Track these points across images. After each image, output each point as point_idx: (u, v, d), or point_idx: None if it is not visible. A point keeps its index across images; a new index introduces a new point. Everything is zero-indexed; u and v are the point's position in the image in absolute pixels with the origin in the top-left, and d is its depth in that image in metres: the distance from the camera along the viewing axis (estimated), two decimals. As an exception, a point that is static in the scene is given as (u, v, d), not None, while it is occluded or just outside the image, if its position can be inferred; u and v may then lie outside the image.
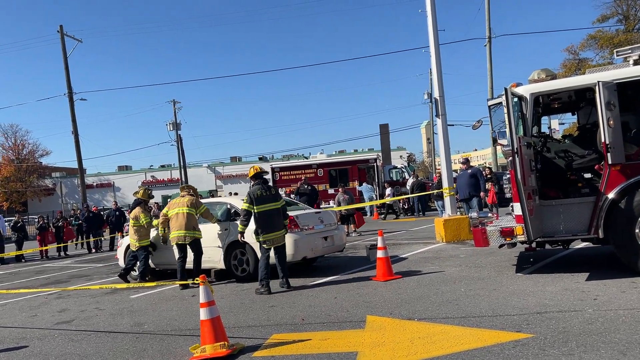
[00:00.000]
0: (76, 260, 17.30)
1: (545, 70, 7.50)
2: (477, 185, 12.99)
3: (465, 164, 13.65)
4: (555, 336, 4.60)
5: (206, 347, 4.91)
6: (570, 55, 39.98)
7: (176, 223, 9.18)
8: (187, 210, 9.17)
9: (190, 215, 9.18)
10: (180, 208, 9.23)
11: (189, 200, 9.34)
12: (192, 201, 9.32)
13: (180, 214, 9.17)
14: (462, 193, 13.08)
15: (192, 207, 9.24)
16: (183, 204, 9.27)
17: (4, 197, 58.83)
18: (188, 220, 9.13)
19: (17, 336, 6.61)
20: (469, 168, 13.45)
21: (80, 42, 32.46)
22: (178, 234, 9.13)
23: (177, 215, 9.19)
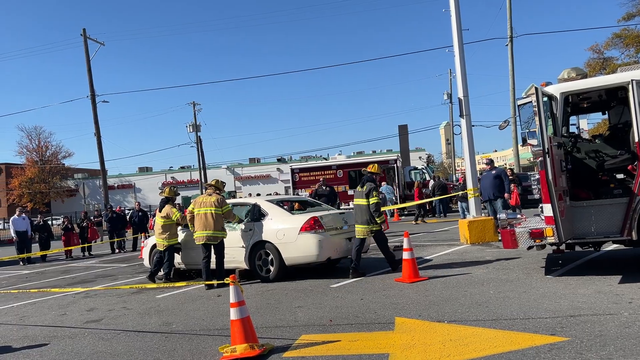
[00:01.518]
0: (100, 260, 17.53)
1: (576, 69, 7.37)
2: (501, 186, 12.80)
3: (489, 164, 13.46)
4: (591, 340, 4.51)
5: (236, 347, 4.91)
6: (594, 54, 39.28)
7: (204, 223, 9.15)
8: (215, 210, 9.15)
9: (219, 215, 9.16)
10: (209, 208, 9.20)
11: (217, 199, 9.28)
12: (219, 200, 9.29)
13: (209, 214, 9.15)
14: (485, 194, 12.90)
15: (219, 207, 9.22)
16: (211, 204, 9.22)
17: (28, 198, 59.99)
18: (216, 221, 9.13)
19: (48, 334, 6.70)
20: (494, 169, 13.26)
21: (102, 45, 32.94)
22: (206, 234, 9.12)
23: (205, 215, 9.16)
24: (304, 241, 8.79)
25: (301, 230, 8.82)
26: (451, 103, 49.20)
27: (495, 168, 13.44)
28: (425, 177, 27.60)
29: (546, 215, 6.74)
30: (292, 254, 8.89)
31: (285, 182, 50.05)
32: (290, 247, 8.88)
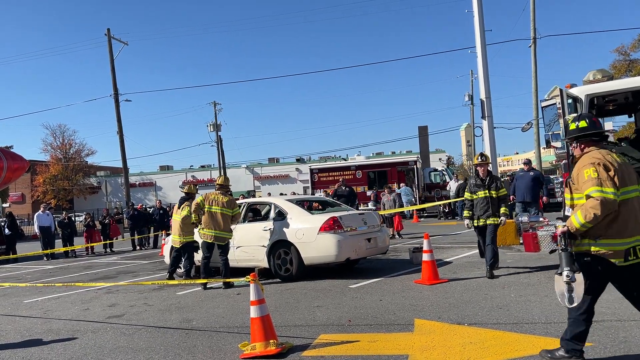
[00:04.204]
0: (121, 257, 17.79)
1: (602, 70, 7.26)
2: (538, 190, 12.48)
3: (527, 164, 13.05)
4: (616, 345, 4.44)
5: (256, 345, 4.95)
6: (620, 56, 38.49)
7: (214, 222, 9.23)
8: (228, 212, 9.28)
9: (228, 216, 9.31)
10: (220, 208, 9.28)
11: (229, 201, 9.41)
12: (230, 202, 9.42)
13: (219, 214, 9.24)
14: (520, 194, 12.50)
15: (229, 209, 9.34)
16: (222, 204, 9.30)
17: (52, 195, 61.12)
18: (225, 222, 9.27)
19: (72, 328, 6.83)
20: (531, 170, 12.81)
21: (126, 44, 33.45)
22: (215, 234, 9.22)
23: (216, 214, 9.24)
24: (323, 241, 8.80)
25: (320, 230, 8.84)
26: (472, 104, 48.80)
27: (533, 169, 12.97)
28: (445, 178, 27.40)
29: (570, 218, 6.64)
30: (311, 254, 8.92)
31: (304, 182, 50.17)
32: (310, 247, 8.91)
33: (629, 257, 3.84)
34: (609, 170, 3.85)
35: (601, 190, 3.77)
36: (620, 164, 3.93)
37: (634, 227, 3.86)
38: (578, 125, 4.13)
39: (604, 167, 3.86)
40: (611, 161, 3.90)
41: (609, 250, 3.85)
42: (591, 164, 3.90)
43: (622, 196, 3.82)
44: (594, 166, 3.87)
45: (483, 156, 8.39)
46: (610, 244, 3.84)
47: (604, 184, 3.79)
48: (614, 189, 3.78)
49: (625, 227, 3.84)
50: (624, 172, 3.91)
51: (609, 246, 3.85)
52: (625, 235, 3.83)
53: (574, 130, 4.14)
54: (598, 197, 3.76)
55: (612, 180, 3.81)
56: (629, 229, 3.84)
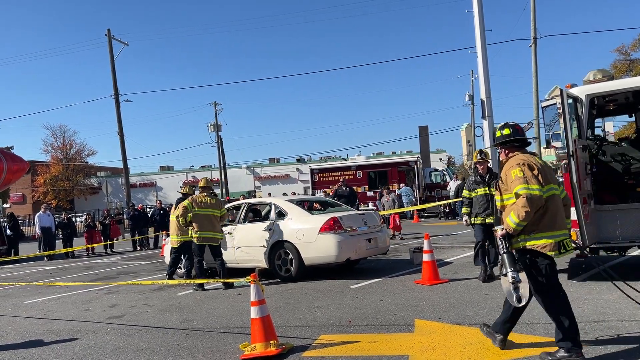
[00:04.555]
0: (122, 257, 17.79)
1: (602, 70, 7.26)
2: None
3: None
4: (617, 346, 4.43)
5: (256, 345, 4.95)
6: (621, 55, 38.46)
7: (206, 224, 9.34)
8: (216, 212, 9.49)
9: (218, 217, 9.52)
10: (210, 209, 9.45)
11: (217, 202, 9.67)
12: (219, 202, 9.70)
13: (211, 216, 9.41)
14: None
15: (218, 209, 9.57)
16: (214, 206, 9.51)
17: (53, 195, 61.12)
18: (217, 223, 9.47)
19: (72, 329, 6.84)
20: None
21: (126, 45, 33.49)
22: (211, 235, 9.34)
23: (208, 216, 9.38)
24: (324, 241, 8.80)
25: (321, 231, 8.84)
26: (472, 104, 48.81)
27: None
28: (445, 178, 27.39)
29: (570, 219, 6.64)
30: (311, 254, 8.92)
31: (305, 182, 50.17)
32: (310, 247, 8.91)
33: (561, 250, 4.15)
34: (533, 169, 4.18)
35: (528, 187, 4.10)
36: (543, 165, 4.30)
37: (560, 221, 4.21)
38: (503, 132, 4.50)
39: (529, 167, 4.20)
40: (534, 162, 4.26)
41: (544, 244, 4.13)
42: (517, 164, 4.23)
43: (548, 193, 4.17)
44: (520, 166, 4.20)
45: (482, 153, 8.20)
46: (544, 237, 4.14)
47: (530, 181, 4.12)
48: (539, 186, 4.12)
49: (554, 221, 4.17)
50: (546, 171, 4.26)
51: (543, 239, 4.14)
52: (555, 228, 4.17)
53: (499, 137, 4.51)
54: (525, 194, 4.08)
55: (536, 178, 4.15)
56: (557, 223, 4.19)
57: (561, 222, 4.23)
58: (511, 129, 4.48)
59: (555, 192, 4.26)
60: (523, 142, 4.51)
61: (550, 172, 4.36)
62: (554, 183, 4.30)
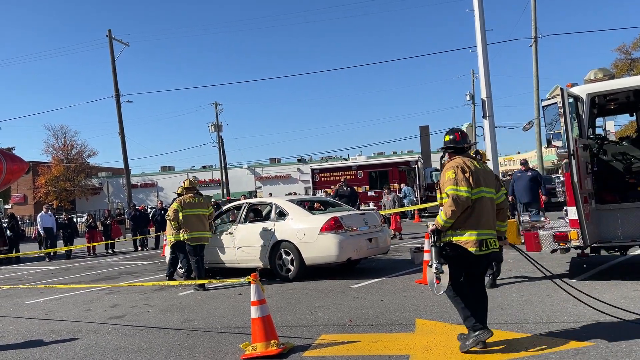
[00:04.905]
0: (123, 257, 17.80)
1: (603, 69, 7.25)
2: (537, 189, 12.49)
3: (524, 165, 13.10)
4: (617, 345, 4.43)
5: (257, 345, 4.94)
6: (622, 54, 38.43)
7: (198, 224, 9.41)
8: (205, 212, 9.57)
9: (207, 216, 9.60)
10: (202, 210, 9.54)
11: (205, 202, 9.76)
12: (206, 202, 9.81)
13: (201, 216, 9.49)
14: (520, 196, 12.56)
15: (206, 209, 9.65)
16: (202, 206, 9.60)
17: (54, 196, 61.19)
18: (207, 222, 9.56)
19: (73, 329, 6.84)
20: (529, 170, 12.86)
21: (127, 45, 33.50)
22: (202, 235, 9.44)
23: (199, 216, 9.45)
24: (324, 241, 8.80)
25: (321, 231, 8.83)
26: (473, 104, 48.79)
27: (530, 169, 13.00)
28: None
29: (571, 218, 6.64)
30: (312, 254, 8.91)
31: (306, 182, 50.16)
32: (311, 247, 8.91)
33: (483, 248, 4.55)
34: (465, 172, 4.59)
35: (456, 189, 4.53)
36: (478, 169, 4.70)
37: (485, 222, 4.60)
38: (445, 139, 4.96)
39: (461, 170, 4.62)
40: (469, 165, 4.66)
41: (467, 240, 4.54)
42: (452, 167, 4.67)
43: (477, 195, 4.57)
44: (454, 169, 4.64)
45: (479, 154, 7.75)
46: (468, 234, 4.55)
47: (460, 183, 4.54)
48: (468, 188, 4.52)
49: (479, 221, 4.57)
50: (480, 175, 4.65)
51: (467, 236, 4.55)
52: (480, 228, 4.56)
53: (444, 142, 4.98)
54: (452, 194, 4.53)
55: (467, 180, 4.55)
56: (482, 223, 4.57)
57: (487, 223, 4.61)
58: (452, 137, 4.90)
59: (486, 195, 4.64)
60: (461, 149, 4.87)
61: (488, 177, 4.75)
62: (490, 187, 4.70)
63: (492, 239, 4.64)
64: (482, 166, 4.83)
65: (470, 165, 4.66)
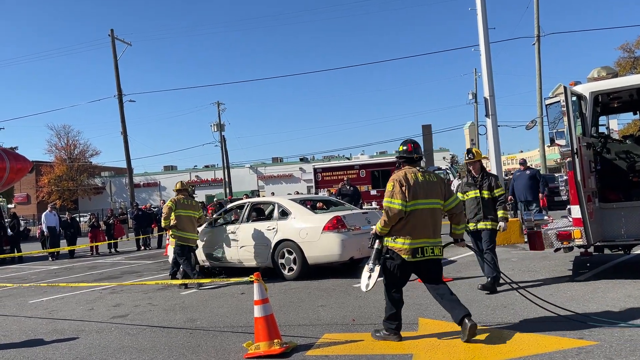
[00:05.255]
0: (126, 257, 17.83)
1: (606, 67, 7.22)
2: (537, 188, 12.55)
3: (523, 164, 13.21)
4: (621, 344, 4.41)
5: (260, 344, 4.94)
6: (625, 53, 38.35)
7: (190, 226, 9.59)
8: (196, 214, 9.73)
9: (197, 218, 9.77)
10: (194, 212, 9.69)
11: (197, 205, 9.91)
12: (198, 205, 10.01)
13: (193, 218, 9.65)
14: (520, 195, 12.63)
15: (197, 211, 9.81)
16: (194, 208, 9.75)
17: (57, 195, 61.28)
18: (196, 224, 9.72)
19: (76, 328, 6.85)
20: (528, 169, 12.98)
21: (129, 45, 33.47)
22: (191, 236, 9.60)
23: (190, 218, 9.59)
24: (327, 240, 8.80)
25: (324, 230, 8.83)
26: (476, 103, 48.69)
27: (529, 168, 13.17)
28: (449, 177, 27.32)
29: (574, 217, 6.62)
30: (314, 253, 8.91)
31: (308, 181, 50.15)
32: (313, 246, 8.90)
33: (417, 255, 4.89)
34: (402, 186, 4.91)
35: (390, 201, 4.91)
36: (419, 182, 4.97)
37: (421, 231, 4.92)
38: (399, 149, 5.29)
39: (399, 183, 4.94)
40: (408, 179, 4.95)
41: (401, 248, 4.91)
42: (392, 179, 5.01)
43: (412, 207, 4.89)
44: (393, 182, 4.98)
45: (470, 153, 7.44)
46: (401, 242, 4.91)
47: (394, 196, 4.90)
48: (402, 201, 4.86)
49: (414, 230, 4.90)
50: (419, 188, 4.94)
51: (401, 244, 4.91)
52: (414, 237, 4.89)
53: (398, 152, 5.29)
54: (386, 207, 4.93)
55: (402, 193, 4.88)
56: (416, 232, 4.90)
57: (423, 232, 4.93)
58: (405, 147, 5.20)
59: (423, 206, 4.94)
60: (412, 159, 5.18)
61: (431, 188, 5.02)
62: (432, 198, 5.01)
63: (429, 247, 4.94)
64: (428, 177, 5.07)
65: (410, 179, 4.95)
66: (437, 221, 5.10)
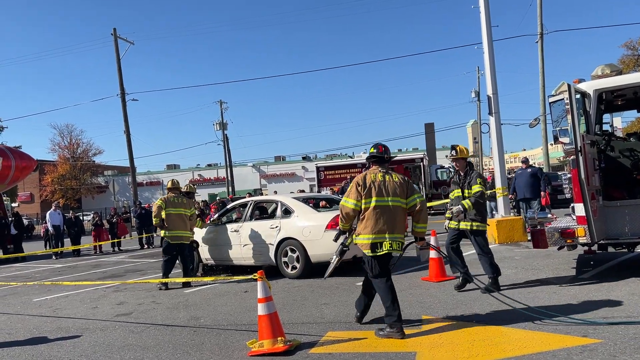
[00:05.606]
0: (129, 255, 17.87)
1: (610, 65, 7.19)
2: (538, 186, 12.57)
3: (525, 163, 13.26)
4: (625, 342, 4.40)
5: (264, 342, 4.95)
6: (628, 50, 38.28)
7: (181, 223, 9.58)
8: (187, 212, 9.71)
9: (188, 216, 9.73)
10: (185, 210, 9.68)
11: (188, 202, 9.89)
12: (189, 203, 9.94)
13: (184, 216, 9.62)
14: (521, 193, 12.67)
15: (188, 209, 9.78)
16: (185, 206, 9.72)
17: (60, 194, 61.45)
18: (188, 222, 9.69)
19: (81, 326, 6.87)
20: (529, 167, 13.03)
21: (132, 44, 33.54)
22: (183, 234, 9.58)
23: (181, 216, 9.59)
24: (330, 239, 8.74)
25: (327, 228, 8.83)
26: (479, 101, 48.59)
27: (531, 167, 13.23)
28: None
29: (578, 214, 6.60)
30: (318, 252, 8.91)
31: (311, 180, 50.17)
32: (316, 245, 8.90)
33: (376, 250, 5.18)
34: (358, 186, 5.27)
35: (346, 200, 5.33)
36: (378, 181, 5.28)
37: (380, 227, 5.17)
38: (370, 150, 5.62)
39: (356, 183, 5.30)
40: (366, 179, 5.30)
41: (362, 243, 5.25)
42: (355, 180, 5.39)
43: (368, 204, 5.20)
44: (354, 181, 5.37)
45: (454, 149, 7.18)
46: (362, 238, 5.25)
47: (350, 195, 5.29)
48: (355, 200, 5.23)
49: (372, 227, 5.18)
50: (376, 187, 5.24)
51: (362, 240, 5.26)
52: (371, 233, 5.17)
53: (370, 153, 5.60)
54: (341, 204, 5.44)
55: (357, 193, 5.24)
56: (374, 228, 5.16)
57: (380, 228, 5.17)
58: (376, 149, 5.54)
59: (381, 204, 5.20)
60: (381, 159, 5.51)
61: (388, 187, 5.27)
62: (392, 196, 5.24)
63: (388, 242, 5.17)
64: (388, 177, 5.34)
65: (368, 179, 5.29)
66: (397, 218, 5.28)
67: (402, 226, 5.39)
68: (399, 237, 5.29)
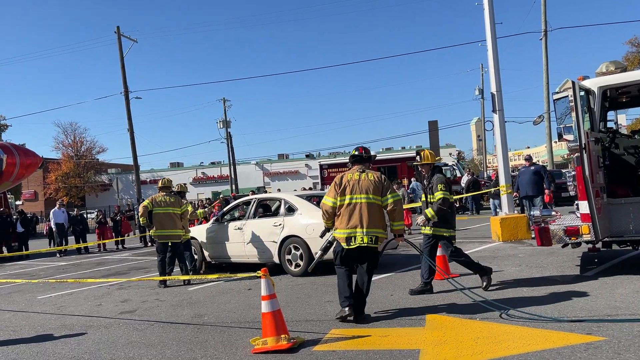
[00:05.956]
0: (133, 253, 17.92)
1: (615, 62, 7.16)
2: (541, 183, 12.56)
3: (528, 160, 13.27)
4: (630, 340, 4.39)
5: (267, 340, 4.95)
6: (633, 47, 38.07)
7: (169, 222, 9.56)
8: (176, 211, 9.66)
9: (179, 215, 9.70)
10: (173, 208, 9.65)
11: (177, 200, 9.83)
12: (178, 201, 9.85)
13: (172, 214, 9.61)
14: (524, 190, 12.66)
15: (177, 207, 9.73)
16: (173, 205, 9.68)
17: (64, 192, 61.61)
18: (178, 221, 9.65)
19: (85, 324, 6.89)
20: (532, 165, 13.04)
21: (135, 42, 33.52)
22: (172, 233, 9.55)
23: (169, 214, 9.58)
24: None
25: (331, 226, 8.81)
26: (483, 98, 48.48)
27: (534, 164, 13.24)
28: (455, 173, 27.25)
29: (582, 212, 6.58)
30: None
31: (314, 178, 50.18)
32: (320, 242, 8.88)
33: (350, 243, 5.63)
34: (336, 185, 5.77)
35: (326, 198, 5.84)
36: (354, 180, 5.76)
37: (354, 222, 5.62)
38: (352, 152, 6.13)
39: (334, 183, 5.80)
40: (342, 178, 5.80)
41: (339, 237, 5.73)
42: (334, 179, 5.86)
43: (342, 201, 5.69)
44: (333, 181, 5.85)
45: (418, 155, 7.10)
46: (338, 232, 5.73)
47: (328, 193, 5.82)
48: (332, 198, 5.75)
49: (346, 221, 5.66)
50: (351, 185, 5.71)
51: (338, 234, 5.74)
52: (345, 227, 5.65)
53: (352, 154, 6.12)
54: (321, 203, 5.97)
55: (334, 191, 5.74)
56: (348, 223, 5.64)
57: (353, 223, 5.63)
58: (357, 151, 6.04)
59: (355, 200, 5.66)
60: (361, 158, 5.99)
61: (364, 186, 5.70)
62: (367, 194, 5.67)
63: (359, 235, 5.59)
64: (365, 176, 5.76)
65: (345, 178, 5.78)
66: (371, 213, 5.65)
67: (379, 221, 5.73)
68: (374, 232, 5.65)
